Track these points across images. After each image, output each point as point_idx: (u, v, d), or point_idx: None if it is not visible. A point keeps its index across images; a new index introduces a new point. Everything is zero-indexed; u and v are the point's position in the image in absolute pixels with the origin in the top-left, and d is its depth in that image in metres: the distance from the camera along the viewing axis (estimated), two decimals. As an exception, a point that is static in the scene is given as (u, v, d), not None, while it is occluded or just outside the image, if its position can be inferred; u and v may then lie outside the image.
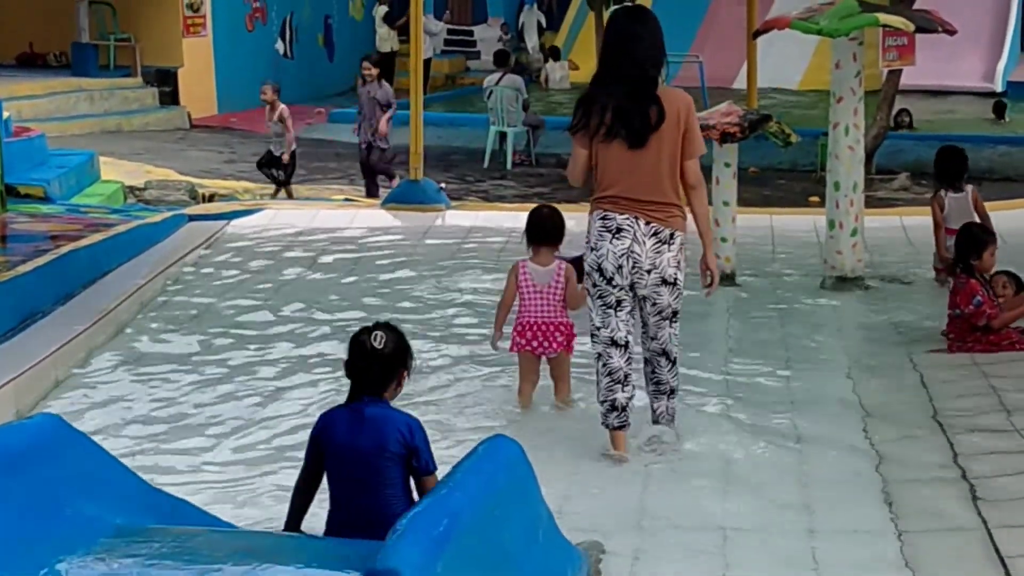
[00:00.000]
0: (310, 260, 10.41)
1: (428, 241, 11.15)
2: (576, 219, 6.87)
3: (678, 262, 6.17)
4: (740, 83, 19.37)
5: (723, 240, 9.52)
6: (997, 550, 5.08)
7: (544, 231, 6.81)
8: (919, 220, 11.31)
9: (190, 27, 22.47)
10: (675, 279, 6.17)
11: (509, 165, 18.47)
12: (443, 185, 13.62)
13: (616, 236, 6.10)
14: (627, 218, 6.09)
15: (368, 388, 4.45)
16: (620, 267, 6.12)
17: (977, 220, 9.05)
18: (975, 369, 7.33)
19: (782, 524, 5.46)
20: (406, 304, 9.03)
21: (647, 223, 6.09)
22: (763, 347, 7.99)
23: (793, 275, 9.86)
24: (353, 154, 19.60)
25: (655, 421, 6.35)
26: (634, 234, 6.09)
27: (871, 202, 13.82)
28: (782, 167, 17.95)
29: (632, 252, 6.09)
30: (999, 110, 21.51)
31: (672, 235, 6.12)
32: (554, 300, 6.78)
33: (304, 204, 13.69)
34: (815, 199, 13.55)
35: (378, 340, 4.43)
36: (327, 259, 10.45)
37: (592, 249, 6.18)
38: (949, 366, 7.46)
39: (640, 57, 6.10)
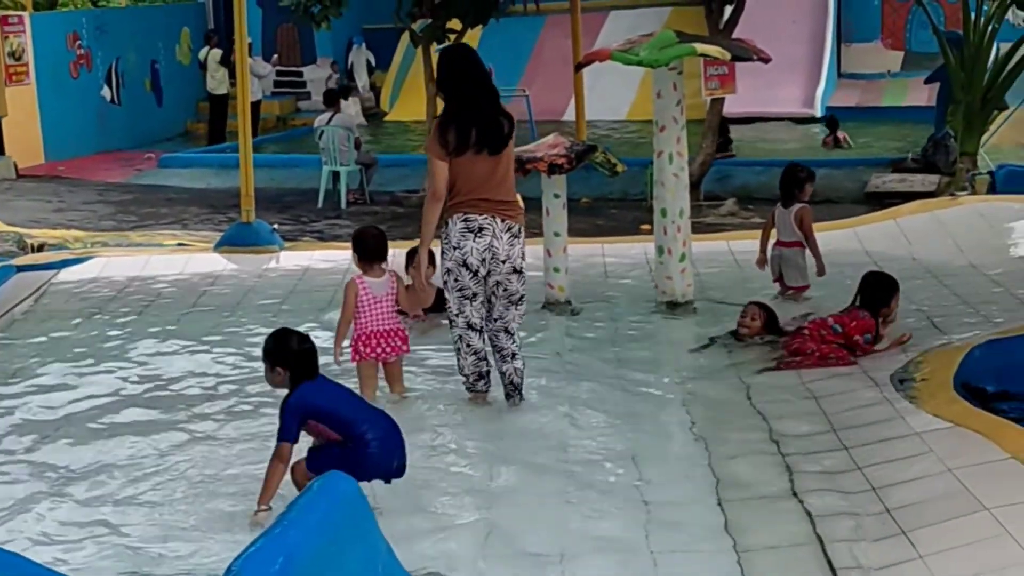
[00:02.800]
0: (140, 308, 10.28)
1: (262, 282, 11.09)
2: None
3: (523, 253, 7.33)
4: (570, 115, 19.62)
5: (556, 270, 9.64)
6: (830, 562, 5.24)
7: (375, 248, 7.55)
8: (746, 244, 11.60)
9: (12, 76, 22.05)
10: (522, 268, 7.34)
11: (344, 204, 18.43)
12: (276, 226, 13.56)
13: (478, 235, 7.18)
14: (487, 218, 7.17)
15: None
16: (483, 260, 7.20)
17: (798, 236, 9.44)
18: (802, 389, 7.54)
19: (630, 545, 5.55)
20: (243, 346, 8.96)
21: (503, 220, 7.21)
22: (598, 374, 8.09)
23: (626, 301, 10.00)
24: (185, 199, 19.50)
25: (508, 383, 7.40)
26: (493, 231, 7.18)
27: (701, 227, 14.10)
28: (613, 197, 18.18)
29: (492, 247, 7.19)
30: (832, 126, 22.09)
31: (520, 229, 7.31)
32: (391, 308, 7.48)
33: (136, 250, 13.51)
34: (646, 227, 13.75)
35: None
36: (157, 306, 10.33)
37: (455, 248, 7.19)
38: (778, 386, 7.65)
39: (487, 80, 7.31)
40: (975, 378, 7.13)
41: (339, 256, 11.45)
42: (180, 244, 14.45)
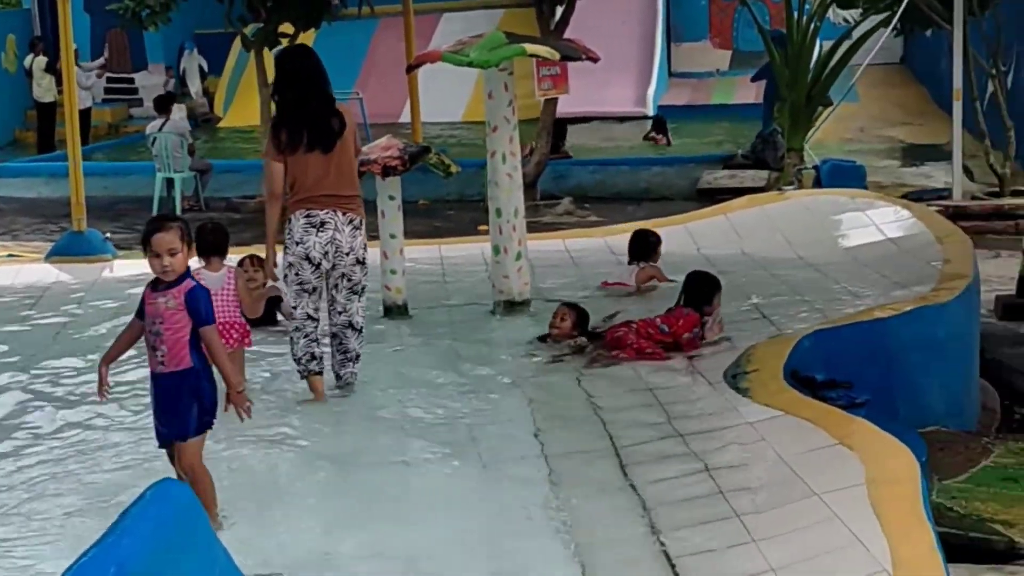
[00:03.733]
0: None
1: (95, 291, 10.90)
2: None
3: (364, 245, 7.64)
4: (406, 117, 19.61)
5: (392, 272, 9.64)
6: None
7: (213, 243, 7.68)
8: (582, 242, 11.76)
9: None
10: (365, 259, 7.65)
11: (179, 211, 18.18)
12: (108, 235, 13.33)
13: (320, 229, 7.46)
14: (328, 212, 7.46)
15: None
16: (326, 254, 7.49)
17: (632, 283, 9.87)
18: (638, 381, 7.66)
19: (465, 548, 5.55)
20: (80, 353, 8.81)
21: (344, 214, 7.51)
22: (437, 372, 8.12)
23: (465, 302, 10.05)
24: (15, 209, 19.06)
25: (344, 384, 7.68)
26: (335, 225, 7.47)
27: (538, 227, 14.22)
28: (451, 198, 18.24)
29: (335, 240, 7.48)
30: (659, 126, 22.41)
31: (361, 221, 7.62)
32: (227, 301, 7.50)
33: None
34: (483, 227, 13.84)
35: None
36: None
37: (298, 243, 7.44)
38: (614, 380, 7.76)
39: (319, 81, 7.56)
40: (804, 367, 7.30)
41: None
42: (10, 255, 14.14)
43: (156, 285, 5.68)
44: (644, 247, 10.20)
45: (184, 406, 5.67)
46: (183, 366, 5.65)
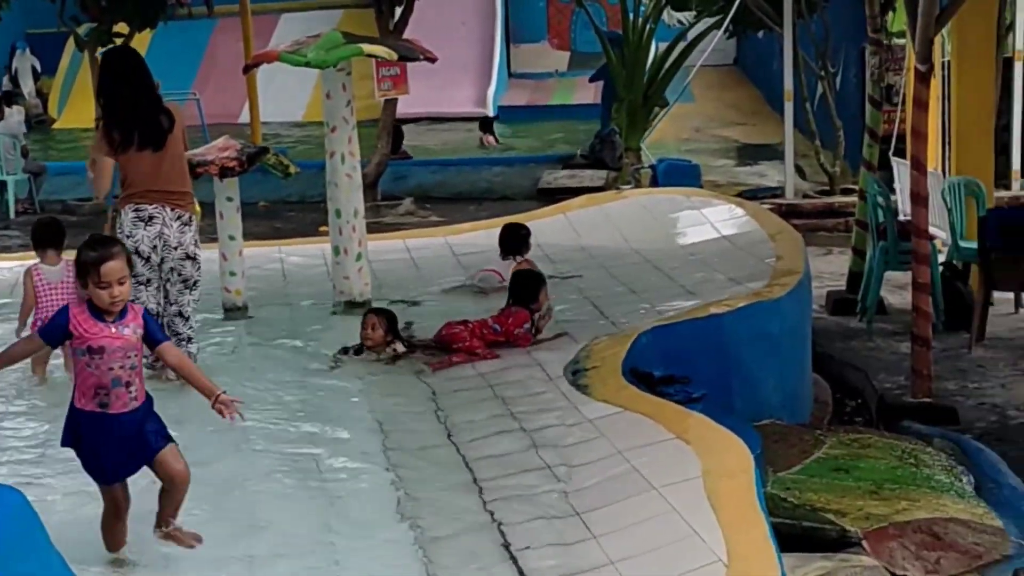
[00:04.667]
0: None
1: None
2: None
3: (195, 240, 7.87)
4: (245, 118, 19.45)
5: (232, 274, 9.56)
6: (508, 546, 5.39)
7: (45, 236, 8.03)
8: (423, 242, 11.78)
9: None
10: (195, 255, 7.87)
11: (12, 214, 17.80)
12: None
13: (148, 223, 7.69)
14: (156, 208, 7.69)
15: None
16: (155, 248, 7.72)
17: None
18: (479, 379, 7.70)
19: (310, 539, 5.56)
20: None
21: (172, 209, 7.74)
22: (278, 373, 8.08)
23: (305, 303, 10.00)
24: None
25: None
26: (163, 220, 7.72)
27: (380, 227, 14.23)
28: (292, 199, 18.14)
29: (163, 234, 7.72)
30: (486, 126, 22.50)
31: (191, 218, 7.86)
32: (67, 293, 7.66)
33: None
34: (324, 228, 13.80)
35: None
36: None
37: (128, 236, 7.61)
38: (455, 378, 7.79)
39: (147, 80, 7.77)
40: (643, 363, 7.41)
41: (9, 265, 11.09)
42: None
43: (100, 316, 5.22)
44: (516, 240, 10.20)
45: (148, 430, 5.31)
46: (144, 395, 5.35)
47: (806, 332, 9.17)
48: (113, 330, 5.21)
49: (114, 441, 5.26)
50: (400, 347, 8.31)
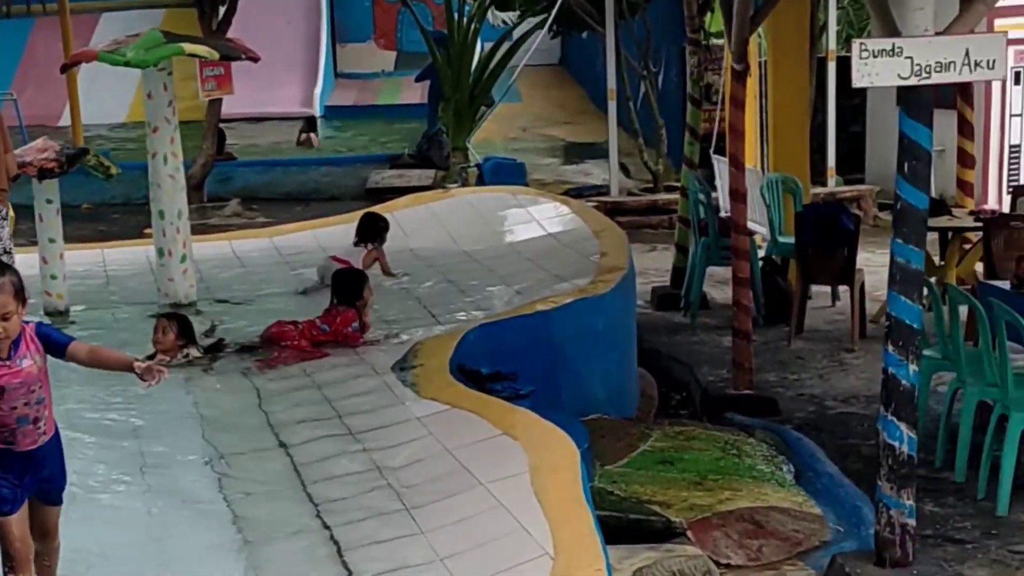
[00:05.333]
0: None
1: None
2: None
3: (10, 236, 8.28)
4: (67, 120, 19.05)
5: (52, 277, 9.38)
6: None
7: None
8: (250, 244, 11.68)
9: None
10: (10, 250, 8.22)
11: None
12: None
13: None
14: None
15: None
16: None
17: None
18: (306, 380, 7.67)
19: (136, 555, 5.48)
20: None
21: None
22: (103, 377, 7.93)
23: (129, 306, 9.85)
24: None
25: None
26: None
27: (206, 229, 14.05)
28: (116, 202, 17.81)
29: None
30: (310, 125, 22.34)
31: (6, 212, 8.28)
32: None
33: None
34: (149, 230, 13.61)
35: None
36: None
37: None
38: (282, 378, 7.75)
39: None
40: (470, 361, 7.45)
41: None
42: None
43: None
44: (372, 229, 10.30)
45: (61, 463, 4.96)
46: (53, 427, 4.93)
47: (631, 327, 9.31)
48: (9, 366, 4.74)
49: (17, 472, 4.83)
50: (195, 352, 8.08)
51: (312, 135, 21.82)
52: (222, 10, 18.00)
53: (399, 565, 5.11)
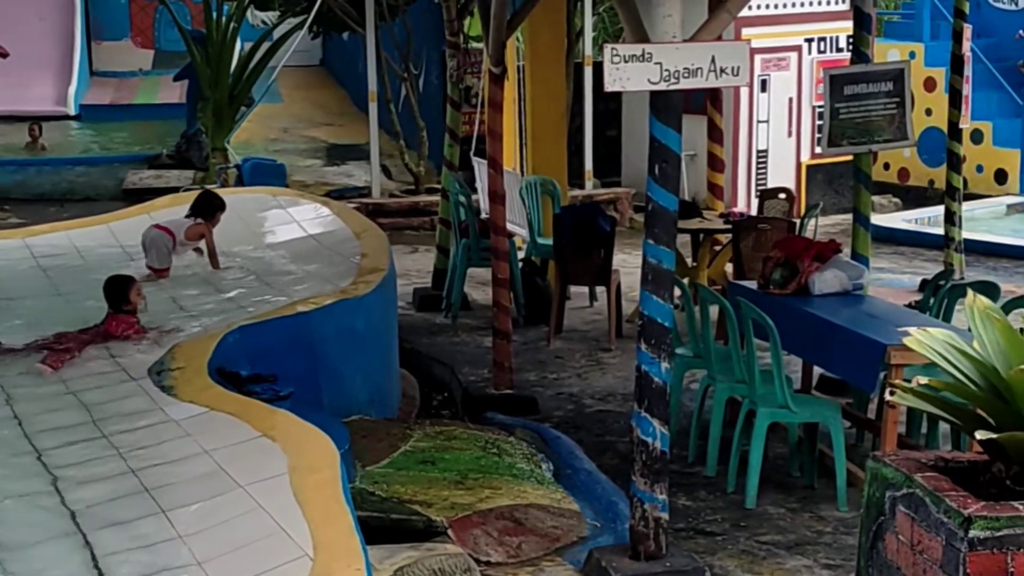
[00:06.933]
0: None
1: None
2: None
3: None
4: None
5: None
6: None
7: None
8: (1, 244, 11.33)
9: None
10: None
11: None
12: None
13: None
14: None
15: None
16: None
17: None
18: (60, 385, 7.50)
19: None
20: None
21: None
22: None
23: None
24: None
25: None
26: None
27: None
28: None
29: None
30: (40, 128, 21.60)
31: None
32: None
33: None
34: None
35: None
36: None
37: None
38: (36, 384, 7.56)
39: None
40: (230, 363, 7.39)
41: None
42: None
43: None
44: (207, 206, 10.16)
45: None
46: None
47: (392, 328, 9.36)
48: None
49: None
50: None
51: (41, 139, 20.92)
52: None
53: (156, 569, 5.04)
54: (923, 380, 4.49)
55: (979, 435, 4.20)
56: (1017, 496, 4.16)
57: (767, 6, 16.60)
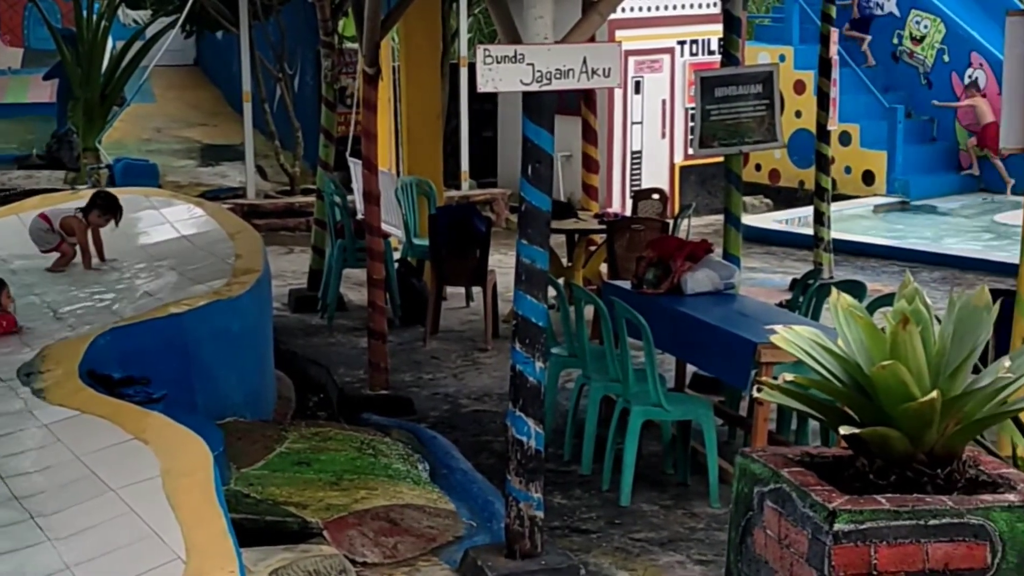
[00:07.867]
0: None
1: None
2: None
3: None
4: None
5: None
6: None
7: None
8: None
9: None
10: None
11: None
12: None
13: None
14: None
15: None
16: None
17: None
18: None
19: None
20: None
21: None
22: None
23: None
24: None
25: None
26: None
27: None
28: None
29: None
30: None
31: None
32: None
33: None
34: None
35: None
36: None
37: None
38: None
39: None
40: (101, 365, 7.29)
41: None
42: None
43: None
44: (91, 204, 10.07)
45: None
46: None
47: (267, 329, 9.30)
48: None
49: None
50: None
51: None
52: None
53: (24, 574, 4.97)
54: (789, 377, 4.58)
55: (842, 430, 4.30)
56: (880, 490, 4.26)
57: (640, 8, 16.77)
